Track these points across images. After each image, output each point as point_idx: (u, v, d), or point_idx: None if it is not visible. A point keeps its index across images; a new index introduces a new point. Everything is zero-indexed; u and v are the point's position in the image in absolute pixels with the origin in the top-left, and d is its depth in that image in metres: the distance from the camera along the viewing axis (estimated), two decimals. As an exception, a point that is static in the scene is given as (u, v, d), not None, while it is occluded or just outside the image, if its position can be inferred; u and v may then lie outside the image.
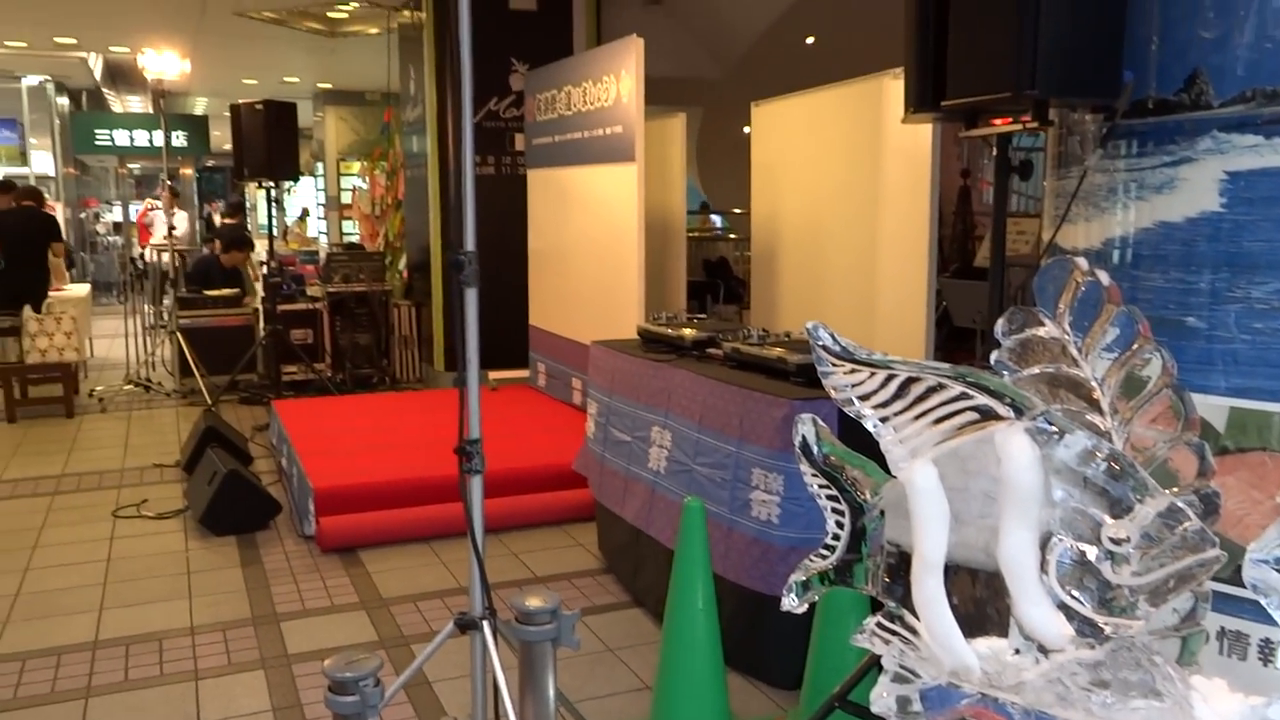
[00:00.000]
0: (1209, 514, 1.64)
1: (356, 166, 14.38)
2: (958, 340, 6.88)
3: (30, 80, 12.68)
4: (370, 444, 5.39)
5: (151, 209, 10.10)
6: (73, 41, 10.59)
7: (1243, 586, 1.66)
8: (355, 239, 12.23)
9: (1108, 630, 1.62)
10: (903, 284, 4.37)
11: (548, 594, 1.92)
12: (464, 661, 2.99)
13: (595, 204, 5.93)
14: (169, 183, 9.13)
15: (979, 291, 6.58)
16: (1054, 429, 1.59)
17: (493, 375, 6.89)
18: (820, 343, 1.77)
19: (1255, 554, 1.44)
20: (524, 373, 7.12)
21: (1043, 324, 1.78)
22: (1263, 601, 1.44)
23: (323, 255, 10.96)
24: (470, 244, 2.30)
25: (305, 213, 18.34)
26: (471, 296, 2.30)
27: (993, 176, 2.84)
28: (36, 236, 8.03)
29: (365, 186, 11.23)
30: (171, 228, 8.81)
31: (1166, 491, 1.56)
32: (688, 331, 3.98)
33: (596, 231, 5.92)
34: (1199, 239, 2.16)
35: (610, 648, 3.50)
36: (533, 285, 7.04)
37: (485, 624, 2.34)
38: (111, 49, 11.30)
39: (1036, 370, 1.82)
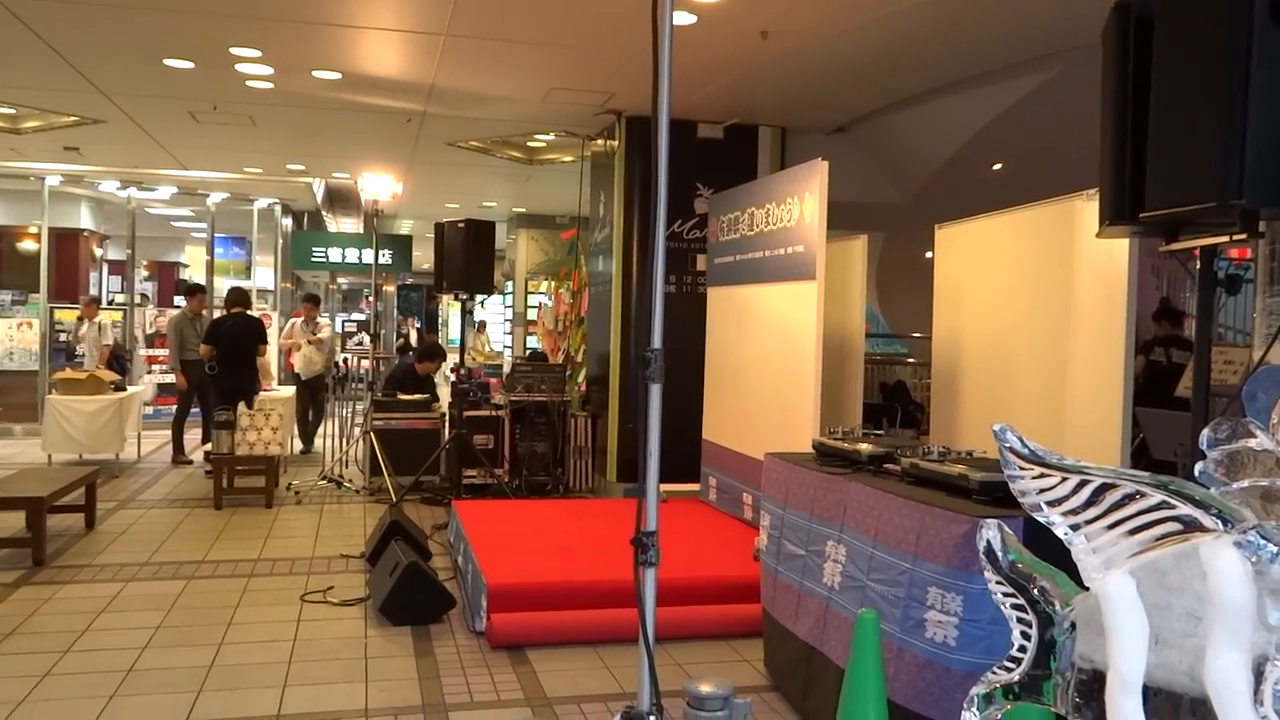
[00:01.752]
0: None
1: (544, 285, 15.12)
2: (1156, 473, 6.45)
3: (261, 203, 14.12)
4: (543, 547, 5.52)
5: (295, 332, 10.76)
6: (301, 168, 11.78)
7: None
8: (537, 348, 12.74)
9: (1334, 771, 1.48)
10: (1096, 411, 4.20)
11: (720, 680, 1.91)
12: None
13: (774, 321, 6.02)
14: (304, 294, 9.81)
15: (1181, 421, 6.20)
16: (1268, 544, 1.50)
17: (664, 488, 6.95)
18: (1008, 445, 1.75)
19: None
20: (695, 486, 7.15)
21: (1253, 434, 1.70)
22: None
23: (506, 367, 11.49)
24: (657, 341, 2.40)
25: (483, 325, 19.31)
26: (656, 392, 2.38)
27: (1197, 285, 2.74)
28: (249, 340, 8.84)
29: (550, 303, 11.72)
30: (312, 341, 9.43)
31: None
32: (864, 446, 3.94)
33: (774, 348, 5.99)
34: None
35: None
36: (708, 400, 7.13)
37: (653, 719, 2.34)
38: (334, 175, 12.48)
39: (1246, 484, 1.72)
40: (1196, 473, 1.79)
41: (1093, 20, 2.74)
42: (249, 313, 9.22)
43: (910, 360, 10.25)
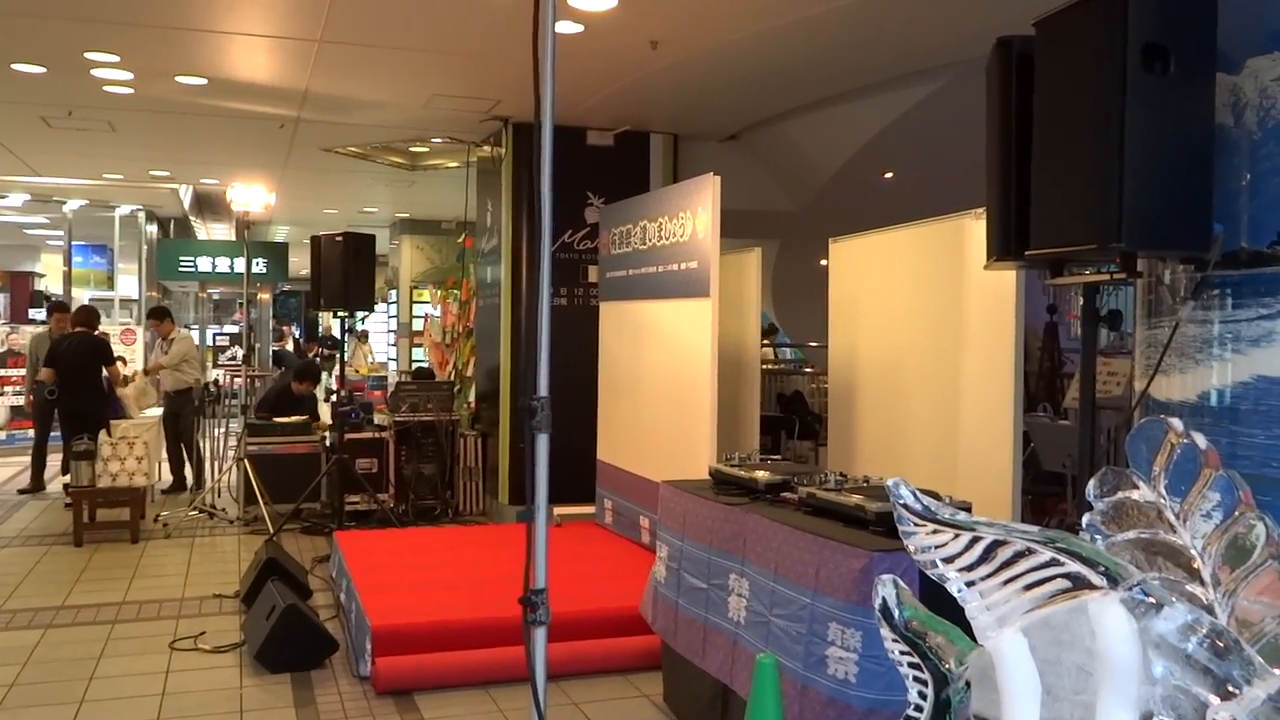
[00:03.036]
0: (1329, 699, 1.56)
1: (429, 294, 14.87)
2: (1046, 482, 6.71)
3: (123, 209, 13.51)
4: (431, 580, 5.41)
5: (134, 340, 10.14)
6: (167, 174, 11.32)
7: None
8: (425, 367, 12.54)
9: (1220, 824, 1.53)
10: (988, 425, 4.33)
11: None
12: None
13: (668, 339, 6.03)
14: (160, 301, 9.49)
15: (1069, 433, 6.45)
16: (1152, 600, 1.54)
17: (558, 511, 6.91)
18: (901, 501, 1.77)
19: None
20: (590, 508, 7.12)
21: (1137, 486, 1.76)
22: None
23: (391, 382, 11.26)
24: (543, 388, 2.36)
25: (365, 335, 18.93)
26: (543, 443, 2.34)
27: (1080, 320, 2.84)
28: (88, 361, 8.45)
29: (437, 314, 11.55)
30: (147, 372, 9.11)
31: (1278, 672, 1.49)
32: (761, 474, 3.97)
33: (669, 366, 6.00)
34: (1303, 395, 2.13)
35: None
36: (602, 418, 7.11)
37: (545, 785, 2.30)
38: (203, 181, 12.03)
39: (1131, 535, 1.78)
40: (1084, 524, 1.84)
41: (977, 37, 2.81)
42: (94, 333, 8.82)
43: (808, 369, 10.45)
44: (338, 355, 8.93)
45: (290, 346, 20.05)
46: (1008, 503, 4.14)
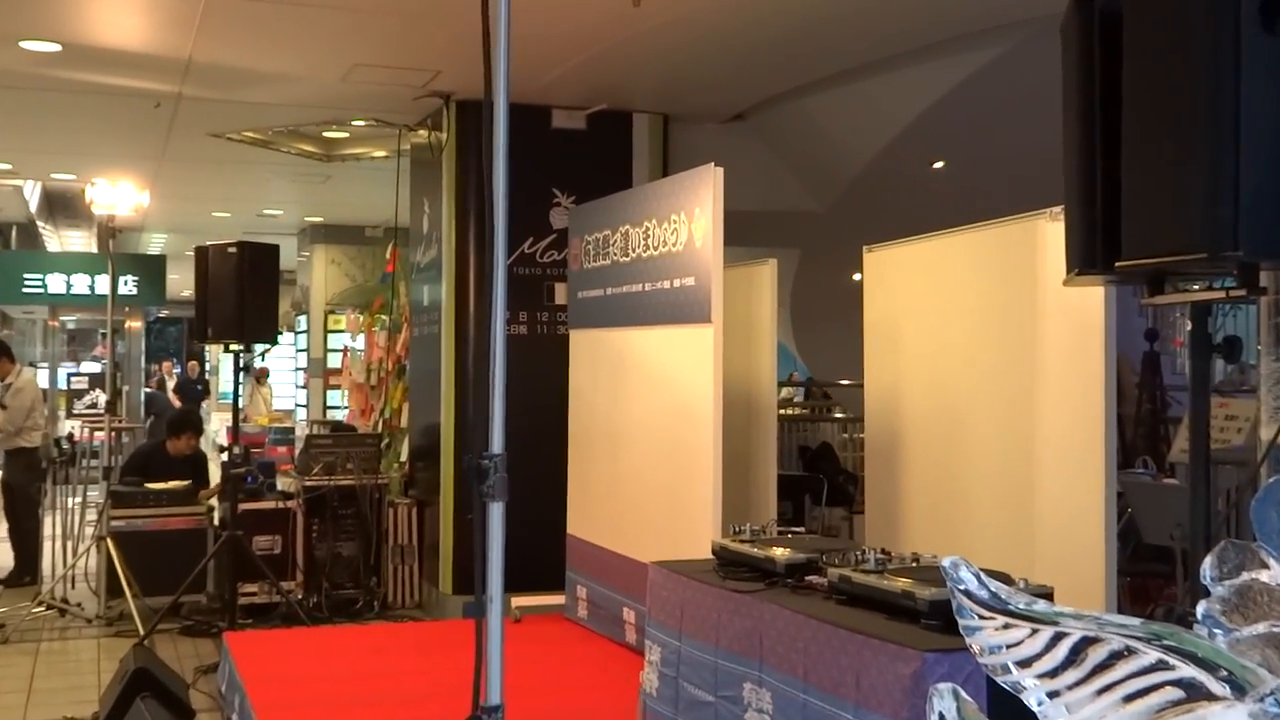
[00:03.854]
0: None
1: (349, 321, 14.83)
2: (1149, 559, 6.72)
3: (-51, 214, 13.54)
4: (350, 695, 5.37)
5: None
6: (8, 168, 11.32)
7: None
8: (343, 415, 12.49)
9: None
10: (1072, 486, 4.34)
11: None
12: None
13: (659, 377, 6.04)
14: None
15: (1176, 495, 6.46)
16: (1289, 714, 1.54)
17: (516, 602, 6.86)
18: (962, 586, 1.77)
19: None
20: (558, 598, 7.10)
21: (1267, 565, 1.76)
22: None
23: (300, 435, 11.20)
24: (498, 443, 2.36)
25: (264, 374, 18.85)
26: (497, 514, 2.34)
27: (1188, 350, 2.86)
28: None
29: (359, 347, 11.53)
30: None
31: None
32: (780, 552, 3.98)
33: (660, 412, 6.00)
34: None
35: None
36: (573, 481, 7.09)
37: None
38: (54, 176, 12.02)
39: (1261, 629, 1.78)
40: (1199, 614, 1.85)
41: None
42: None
43: (838, 415, 10.48)
44: (224, 396, 8.90)
45: (173, 387, 20.02)
46: (1100, 587, 4.14)
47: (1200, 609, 1.84)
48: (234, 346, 7.81)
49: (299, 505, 8.29)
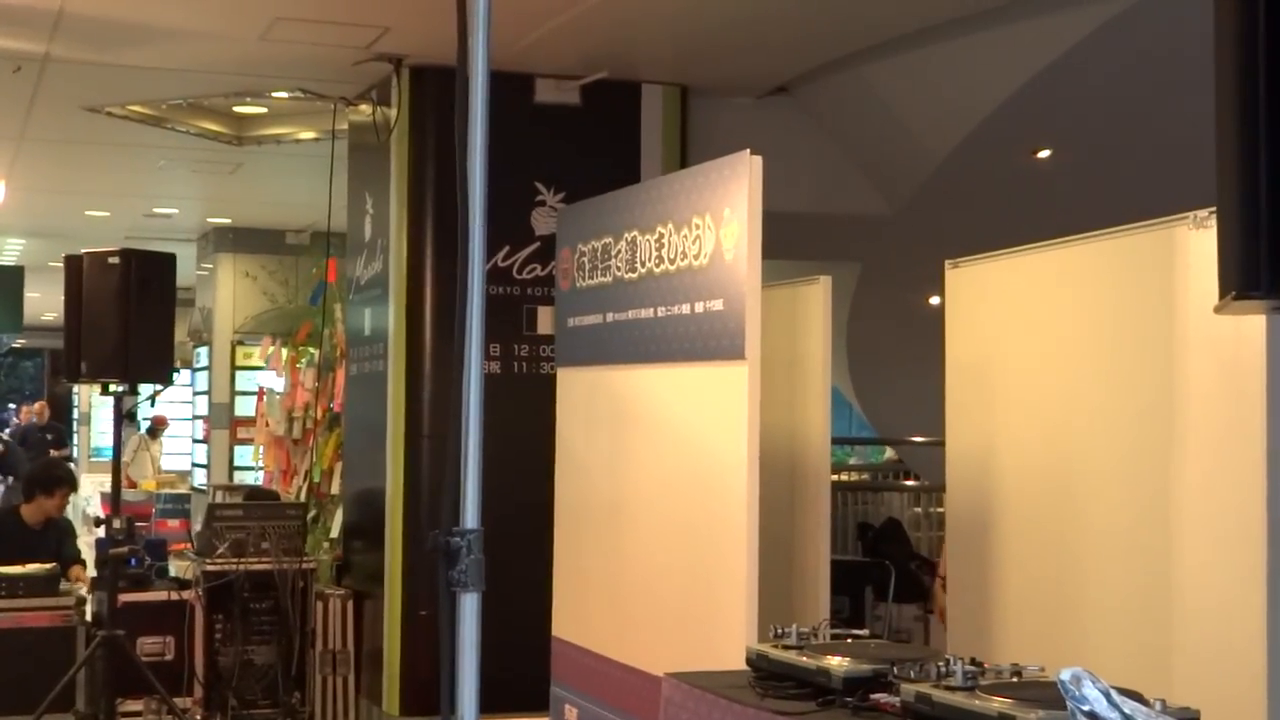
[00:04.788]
0: None
1: (266, 355, 14.84)
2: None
3: None
4: None
5: None
6: None
7: None
8: (256, 479, 12.48)
9: None
10: (1222, 577, 4.32)
11: None
12: None
13: (676, 430, 6.03)
14: None
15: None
16: None
17: (488, 728, 6.84)
18: (1086, 708, 1.78)
19: None
20: (542, 721, 7.07)
21: None
22: None
23: (199, 506, 11.20)
24: (472, 518, 2.37)
25: (158, 425, 18.86)
26: (471, 608, 2.35)
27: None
28: None
29: (279, 389, 11.54)
30: None
31: None
32: (837, 662, 3.97)
33: (678, 477, 5.98)
34: None
35: None
36: (560, 569, 7.06)
37: None
38: None
39: None
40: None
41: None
42: None
43: (910, 483, 10.48)
44: (97, 453, 8.92)
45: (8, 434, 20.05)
46: (1261, 708, 4.12)
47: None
48: (114, 387, 7.83)
49: (198, 597, 8.27)
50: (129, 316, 7.43)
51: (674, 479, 6.00)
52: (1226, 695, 4.08)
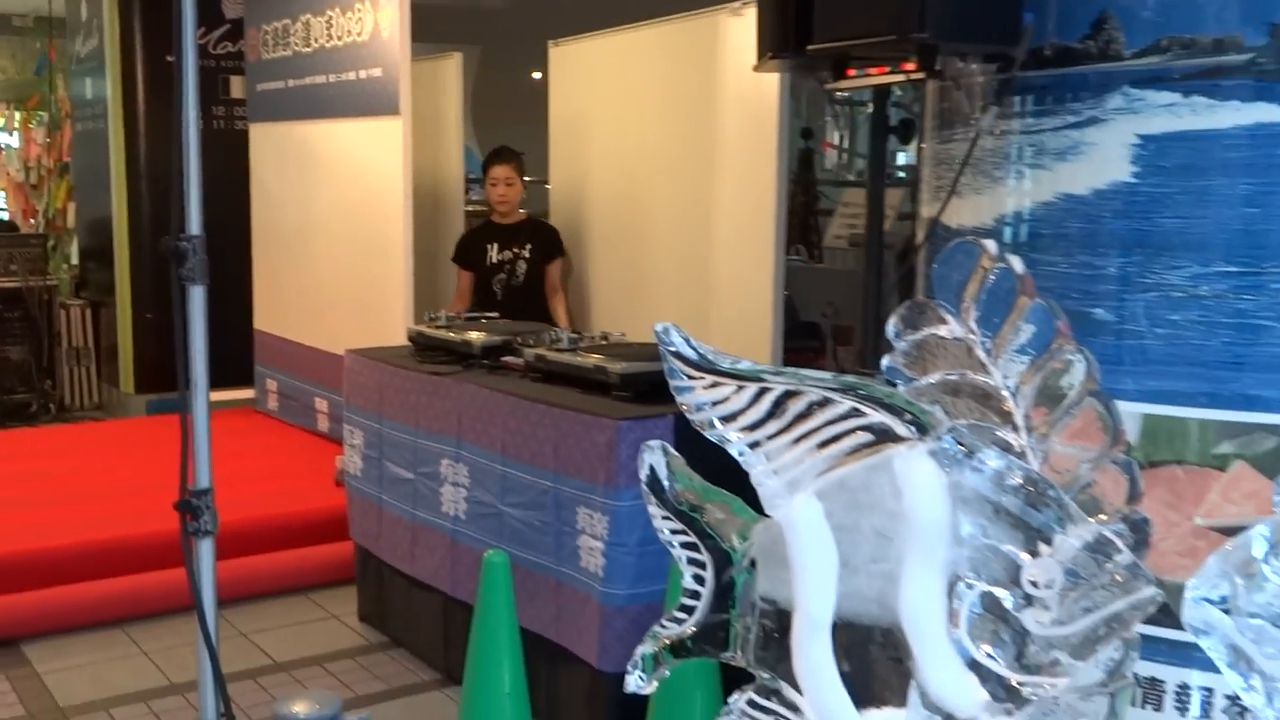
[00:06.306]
0: (1140, 544, 1.76)
1: (2, 117, 13.62)
2: (802, 335, 7.12)
3: None
4: (33, 497, 5.07)
5: None
6: None
7: (1155, 625, 1.79)
8: (4, 215, 11.54)
9: (1027, 691, 1.69)
10: (745, 269, 4.49)
11: (323, 695, 1.82)
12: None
13: (347, 170, 5.82)
14: None
15: (827, 277, 6.87)
16: (963, 449, 1.64)
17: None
18: (673, 349, 1.77)
19: (1196, 592, 1.53)
20: (247, 392, 6.88)
21: (944, 321, 1.86)
22: (1204, 645, 1.53)
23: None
24: (196, 225, 2.18)
25: None
26: (199, 298, 2.18)
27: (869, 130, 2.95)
28: None
29: (16, 145, 10.62)
30: None
31: (1093, 520, 1.64)
32: (476, 335, 3.94)
33: (349, 206, 5.82)
34: (1107, 215, 2.32)
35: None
36: (259, 277, 6.83)
37: (222, 736, 2.22)
38: None
39: (936, 378, 1.89)
40: (884, 368, 1.94)
41: None
42: None
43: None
44: None
45: None
46: (767, 358, 4.35)
47: (884, 362, 1.94)
48: None
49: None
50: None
51: (349, 206, 5.85)
52: (744, 347, 4.28)
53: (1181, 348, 2.29)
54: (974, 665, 1.68)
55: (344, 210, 5.86)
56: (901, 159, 8.47)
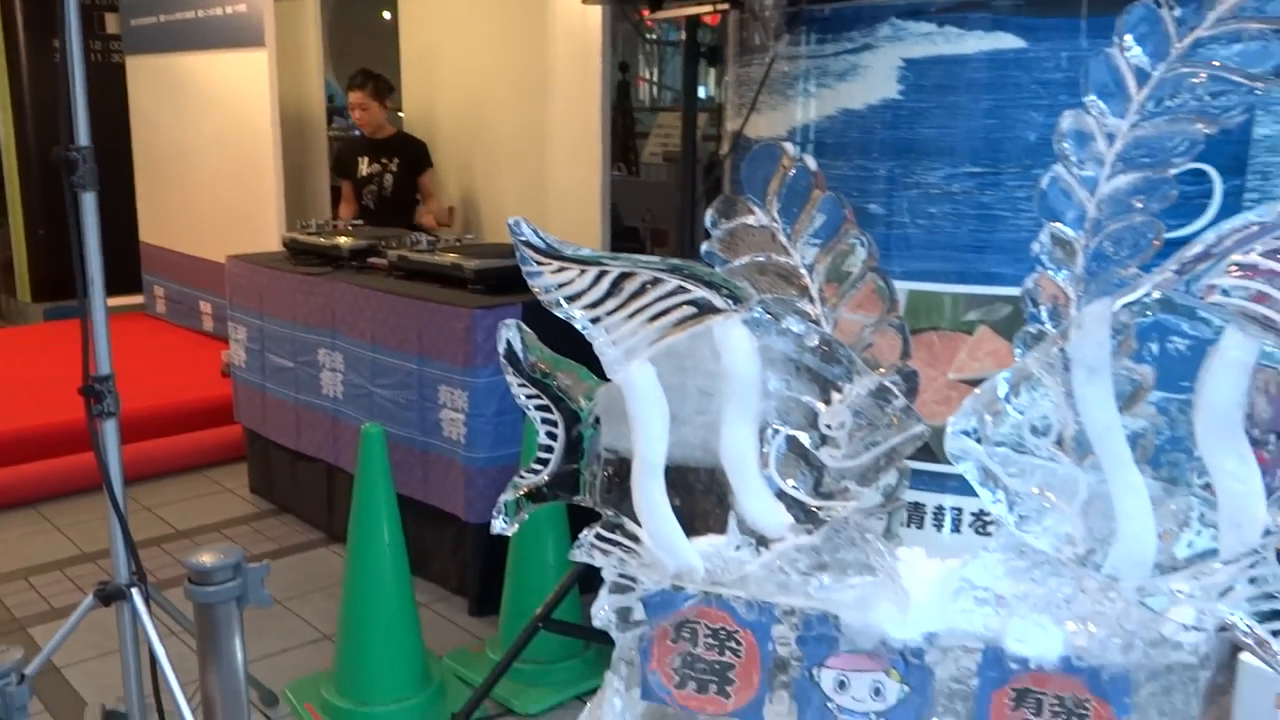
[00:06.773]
0: (911, 392, 1.81)
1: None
2: (624, 238, 7.10)
3: None
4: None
5: None
6: None
7: (918, 460, 1.87)
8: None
9: (823, 514, 1.74)
10: (576, 181, 4.42)
11: (226, 548, 1.74)
12: (98, 640, 2.71)
13: (219, 97, 5.47)
14: None
15: (646, 189, 6.85)
16: (770, 318, 1.65)
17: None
18: (524, 239, 1.71)
19: (955, 426, 1.60)
20: (136, 299, 6.47)
21: (752, 212, 1.85)
22: (963, 471, 1.60)
23: None
24: (84, 136, 1.99)
25: None
26: (90, 202, 2.00)
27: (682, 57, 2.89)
28: None
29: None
30: None
31: (874, 373, 1.68)
32: (344, 240, 3.79)
33: (222, 130, 5.47)
34: (878, 126, 2.34)
35: (278, 599, 3.31)
36: (143, 196, 6.40)
37: (135, 591, 2.10)
38: None
39: (746, 260, 1.89)
40: (703, 252, 1.92)
41: None
42: None
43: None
44: None
45: None
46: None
47: (703, 247, 1.92)
48: None
49: None
50: None
51: (223, 130, 5.51)
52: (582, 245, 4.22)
53: (937, 235, 2.35)
54: (781, 495, 1.72)
55: (218, 134, 5.52)
56: (702, 92, 8.43)
